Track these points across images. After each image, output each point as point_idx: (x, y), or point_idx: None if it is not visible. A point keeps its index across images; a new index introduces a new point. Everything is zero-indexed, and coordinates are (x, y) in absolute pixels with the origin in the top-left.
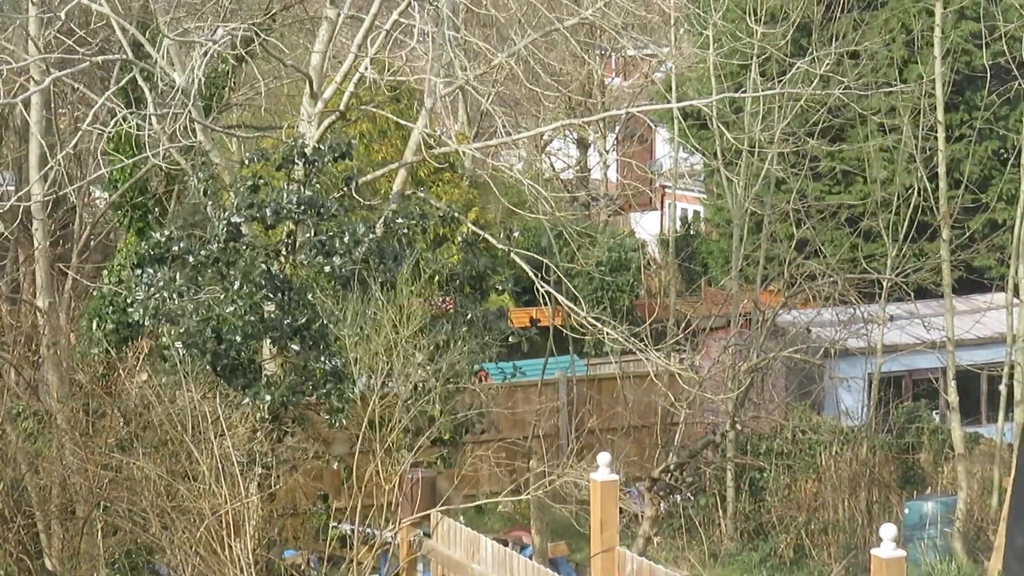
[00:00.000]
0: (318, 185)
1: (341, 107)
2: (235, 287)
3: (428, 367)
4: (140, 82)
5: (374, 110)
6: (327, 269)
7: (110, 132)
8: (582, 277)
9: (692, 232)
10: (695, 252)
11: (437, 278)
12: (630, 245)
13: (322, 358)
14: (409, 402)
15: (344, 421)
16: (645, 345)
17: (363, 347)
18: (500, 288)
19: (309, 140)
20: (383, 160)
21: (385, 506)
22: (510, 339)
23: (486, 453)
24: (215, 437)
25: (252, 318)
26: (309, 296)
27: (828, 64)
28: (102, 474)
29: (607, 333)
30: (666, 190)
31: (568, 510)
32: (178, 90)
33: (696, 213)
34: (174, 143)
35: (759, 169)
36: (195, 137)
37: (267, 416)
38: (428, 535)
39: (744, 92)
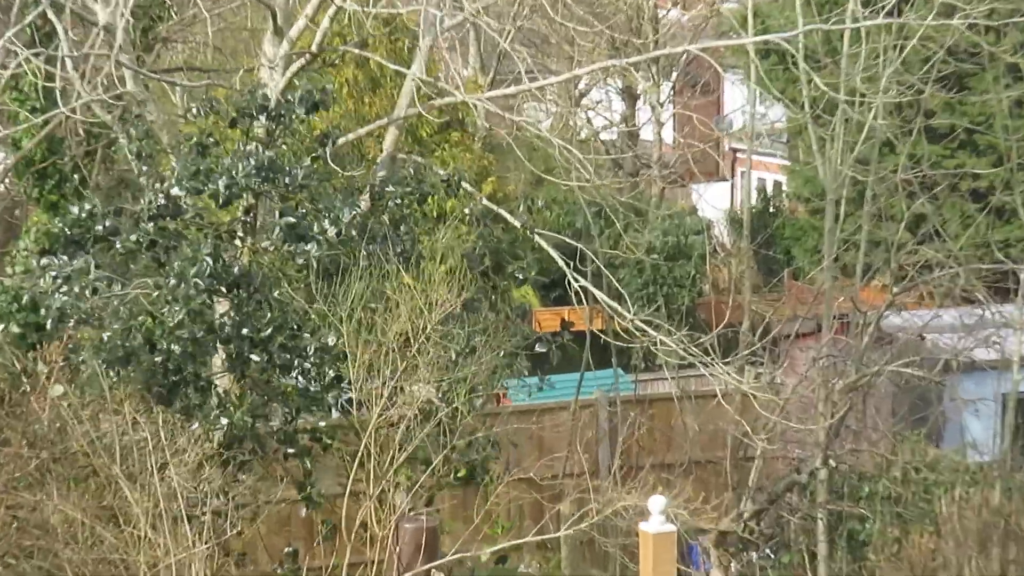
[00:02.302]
0: (285, 147)
1: (313, 47)
2: (175, 281)
3: (444, 379)
4: (50, 15)
5: (360, 52)
6: (298, 257)
7: (7, 78)
8: (629, 268)
9: (772, 209)
10: (776, 235)
11: (444, 265)
12: (691, 226)
13: (293, 373)
14: (418, 421)
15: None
16: (710, 357)
17: (361, 348)
18: (520, 277)
19: (273, 89)
20: (376, 117)
21: (374, 565)
22: (536, 346)
23: (506, 491)
24: (153, 471)
25: (198, 323)
26: (275, 293)
27: None
28: (4, 517)
29: (661, 341)
30: (738, 155)
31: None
32: (101, 26)
33: (777, 184)
34: (96, 93)
35: (861, 126)
36: (123, 85)
37: (220, 445)
38: None
39: (841, 24)
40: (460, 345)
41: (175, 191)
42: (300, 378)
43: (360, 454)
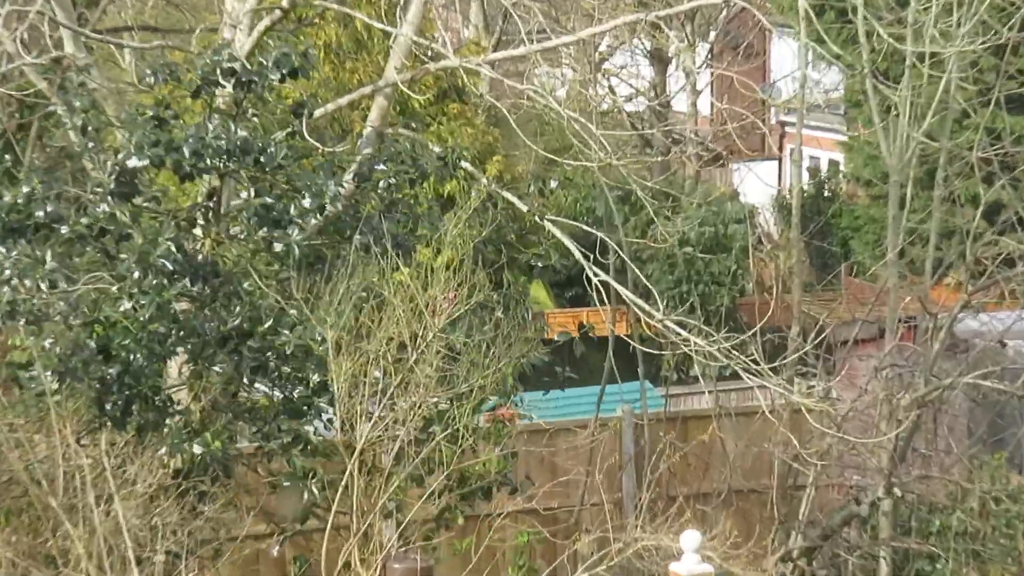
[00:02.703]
0: (257, 119)
1: (284, 1)
2: (140, 271)
3: (444, 394)
4: None
5: (340, 8)
6: (278, 246)
7: None
8: (658, 262)
9: (827, 193)
10: (831, 224)
11: (446, 258)
12: (732, 213)
13: (269, 384)
14: (413, 443)
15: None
16: (755, 366)
17: (347, 356)
18: (538, 265)
19: (240, 51)
20: (359, 85)
21: None
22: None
23: (512, 524)
24: (99, 503)
25: (166, 322)
26: (245, 286)
27: None
28: None
29: (696, 346)
30: (787, 129)
31: None
32: None
33: (833, 164)
34: (29, 57)
35: (931, 95)
36: (62, 48)
37: (178, 472)
38: None
39: None
40: (468, 354)
41: (132, 162)
42: (276, 390)
43: (344, 482)
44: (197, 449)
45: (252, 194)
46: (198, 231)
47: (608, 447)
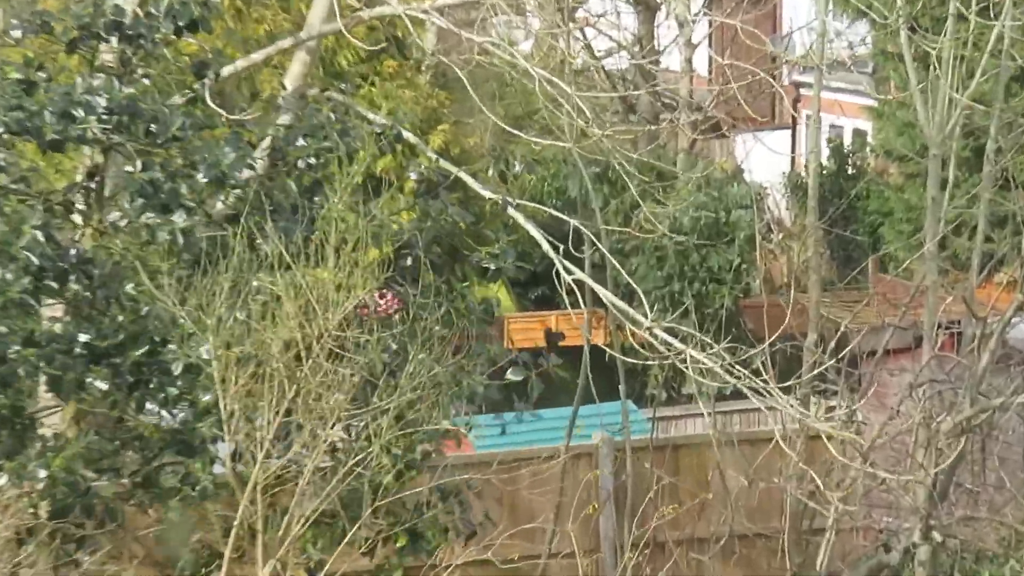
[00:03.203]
0: (147, 80)
1: None
2: None
3: (360, 417)
4: None
5: None
6: (163, 235)
7: None
8: (645, 255)
9: (852, 170)
10: (857, 208)
11: (376, 251)
12: (736, 195)
13: (157, 405)
14: (324, 475)
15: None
16: (763, 383)
17: (234, 369)
18: (490, 267)
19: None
20: (272, 37)
21: None
22: (507, 372)
23: None
24: None
25: (18, 326)
26: (129, 288)
27: None
28: None
29: (690, 360)
30: (803, 91)
31: None
32: None
33: (859, 134)
34: None
35: (982, 48)
36: None
37: (50, 513)
38: None
39: None
40: (398, 372)
41: None
42: (163, 412)
43: (236, 528)
44: (41, 473)
45: (143, 165)
46: (77, 218)
47: (582, 481)
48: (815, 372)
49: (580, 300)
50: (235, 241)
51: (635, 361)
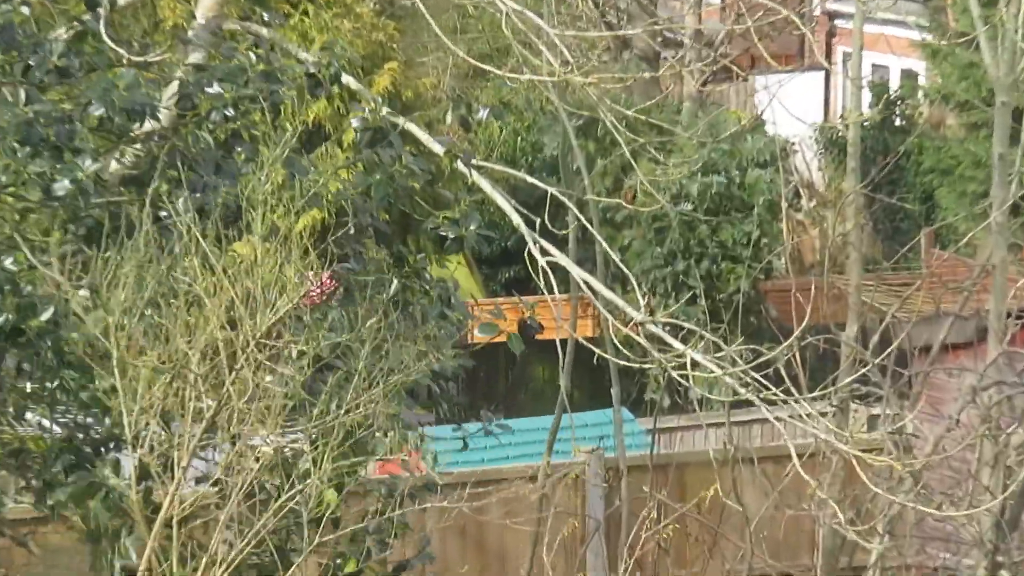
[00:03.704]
0: (26, 9)
1: None
2: None
3: (298, 421)
4: None
5: None
6: (62, 186)
7: None
8: (641, 227)
9: (900, 121)
10: (907, 168)
11: (305, 220)
12: (755, 152)
13: (51, 407)
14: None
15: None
16: (789, 387)
17: (142, 376)
18: (448, 236)
19: None
20: None
21: None
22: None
23: None
24: None
25: None
26: (8, 263)
27: None
28: None
29: (692, 364)
30: (839, 23)
31: None
32: None
33: (909, 77)
34: None
35: None
36: None
37: None
38: None
39: None
40: (336, 370)
41: None
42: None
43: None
44: None
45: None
46: None
47: (566, 509)
48: (854, 372)
49: (561, 284)
50: (137, 211)
51: (630, 361)
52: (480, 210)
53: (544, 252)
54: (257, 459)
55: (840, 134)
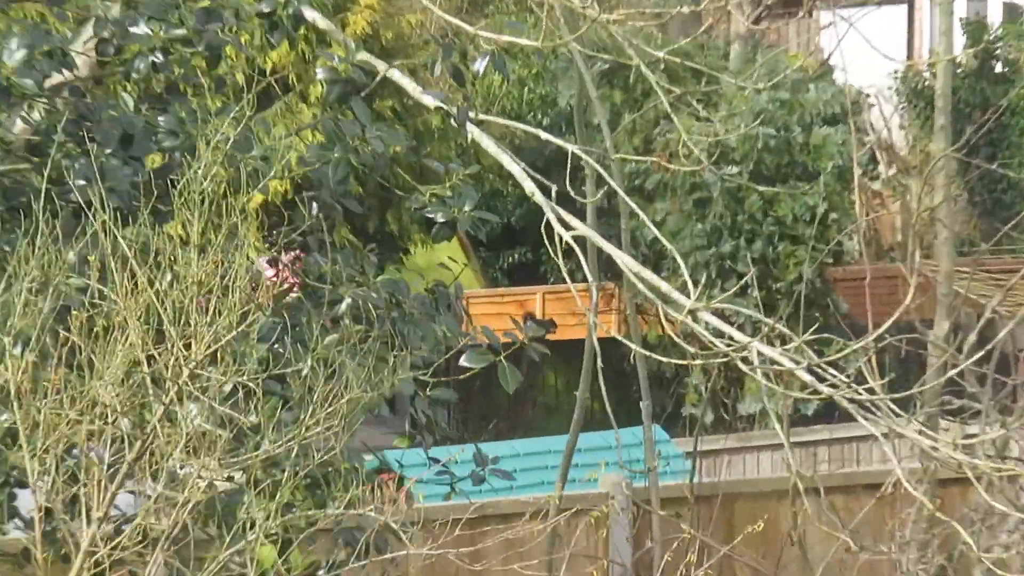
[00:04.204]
0: None
1: None
2: None
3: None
4: None
5: None
6: None
7: None
8: (678, 195)
9: (1002, 68)
10: (1010, 127)
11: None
12: (820, 105)
13: None
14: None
15: None
16: (866, 390)
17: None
18: (437, 220)
19: None
20: None
21: None
22: (461, 359)
23: None
24: None
25: None
26: None
27: None
28: None
29: (757, 356)
30: None
31: None
32: None
33: (1013, 13)
34: None
35: None
36: None
37: None
38: None
39: None
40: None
41: None
42: None
43: None
44: None
45: None
46: None
47: (584, 552)
48: (945, 380)
49: (576, 271)
50: (41, 184)
51: (666, 364)
52: (477, 174)
53: (566, 225)
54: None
55: (927, 83)
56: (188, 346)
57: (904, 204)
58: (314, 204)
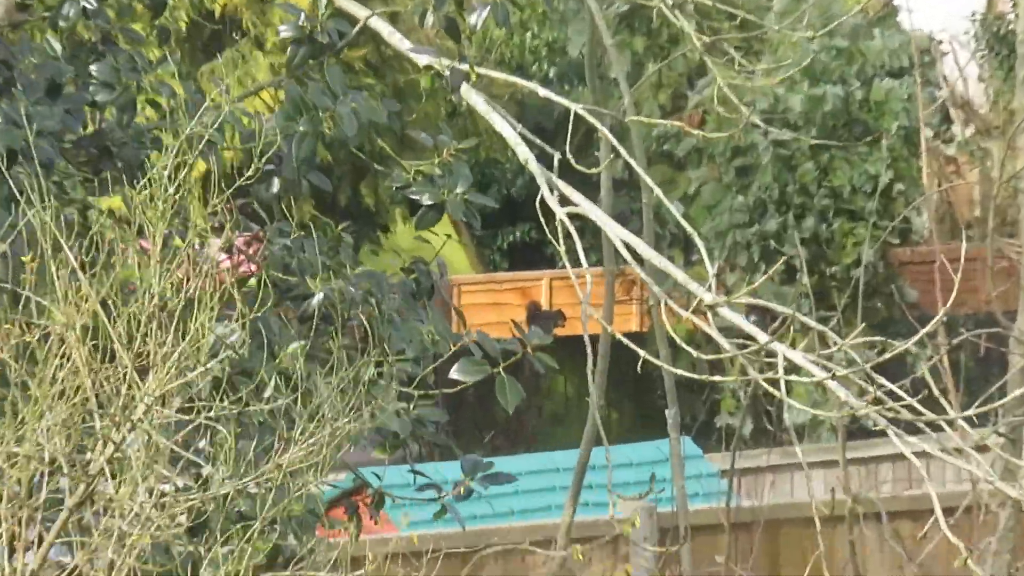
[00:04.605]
0: None
1: None
2: None
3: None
4: None
5: None
6: None
7: None
8: (716, 164)
9: None
10: None
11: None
12: (883, 54)
13: None
14: None
15: None
16: (922, 408)
17: None
18: (421, 211)
19: None
20: None
21: None
22: (452, 371)
23: None
24: None
25: None
26: None
27: None
28: None
29: (784, 365)
30: None
31: None
32: None
33: None
34: None
35: None
36: None
37: None
38: None
39: None
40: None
41: None
42: None
43: None
44: None
45: None
46: None
47: None
48: None
49: (591, 251)
50: None
51: (694, 367)
52: (472, 147)
53: (564, 200)
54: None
55: (1010, 26)
56: (143, 370)
57: (983, 172)
58: (275, 179)
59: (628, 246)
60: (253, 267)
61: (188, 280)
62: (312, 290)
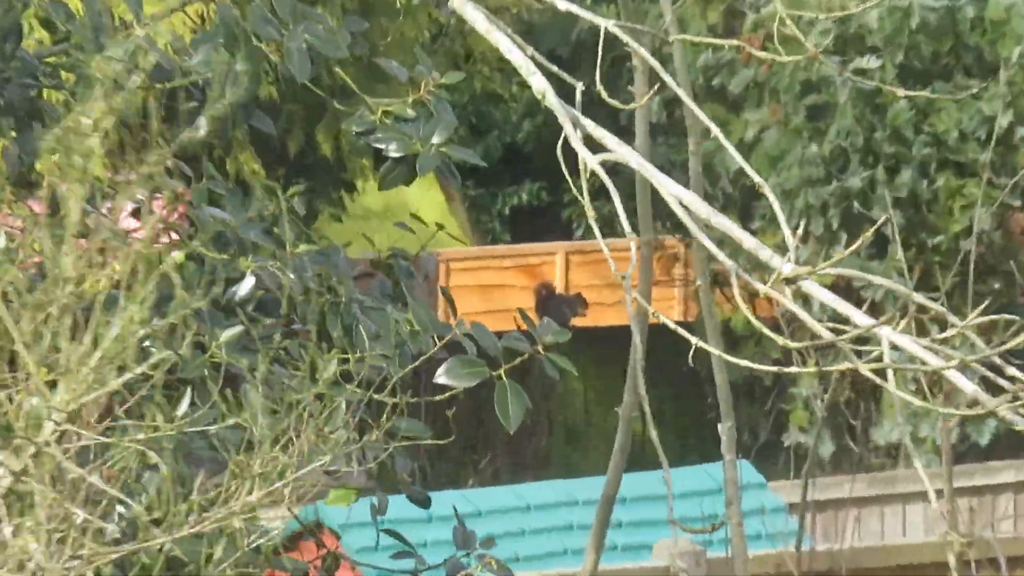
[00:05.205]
0: None
1: None
2: None
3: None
4: None
5: None
6: None
7: None
8: (782, 103)
9: None
10: None
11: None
12: None
13: None
14: None
15: None
16: None
17: None
18: (388, 165)
19: None
20: None
21: None
22: (436, 374)
23: None
24: None
25: None
26: None
27: None
28: None
29: (886, 347)
30: None
31: None
32: None
33: None
34: None
35: None
36: None
37: None
38: None
39: None
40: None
41: None
42: None
43: None
44: None
45: None
46: None
47: None
48: None
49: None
50: None
51: (754, 361)
52: (463, 83)
53: (595, 146)
54: None
55: None
56: (52, 384)
57: None
58: (201, 120)
59: (683, 206)
60: (175, 237)
61: (105, 258)
62: (241, 271)
